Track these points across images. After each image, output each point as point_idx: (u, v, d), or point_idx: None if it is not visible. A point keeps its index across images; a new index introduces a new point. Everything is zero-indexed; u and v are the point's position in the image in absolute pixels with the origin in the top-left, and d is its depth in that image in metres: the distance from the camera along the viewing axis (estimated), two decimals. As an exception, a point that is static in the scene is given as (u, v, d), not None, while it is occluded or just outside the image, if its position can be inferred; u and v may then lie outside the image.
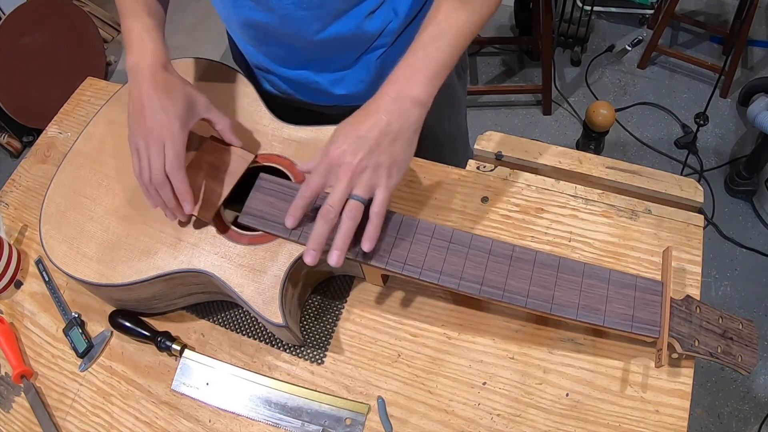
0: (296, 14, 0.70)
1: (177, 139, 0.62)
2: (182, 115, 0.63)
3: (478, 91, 2.16)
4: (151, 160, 0.62)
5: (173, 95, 0.63)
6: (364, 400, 0.66)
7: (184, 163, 0.63)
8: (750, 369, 0.59)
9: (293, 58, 0.80)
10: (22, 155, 2.19)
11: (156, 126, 0.62)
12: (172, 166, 0.62)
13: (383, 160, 0.57)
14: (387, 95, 0.59)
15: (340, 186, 0.57)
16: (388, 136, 0.57)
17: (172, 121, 0.62)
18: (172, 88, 0.64)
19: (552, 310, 0.59)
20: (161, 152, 0.62)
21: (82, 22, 2.28)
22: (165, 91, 0.63)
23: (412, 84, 0.59)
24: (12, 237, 0.83)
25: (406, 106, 0.58)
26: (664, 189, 0.74)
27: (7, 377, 0.73)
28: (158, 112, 0.62)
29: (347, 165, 0.57)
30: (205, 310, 0.74)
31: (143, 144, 0.63)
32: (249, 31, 0.77)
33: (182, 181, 0.63)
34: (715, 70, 2.05)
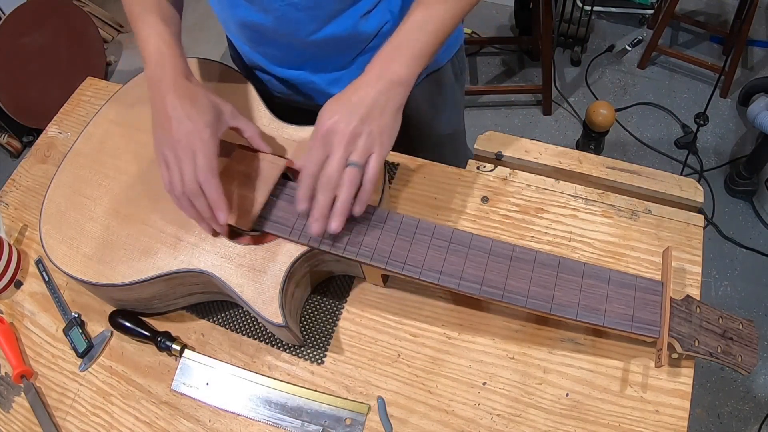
0: (292, 15, 0.70)
1: (208, 147, 0.60)
2: (211, 123, 0.61)
3: (478, 91, 2.17)
4: (183, 170, 0.60)
5: (199, 103, 0.61)
6: (364, 400, 0.66)
7: (217, 171, 0.61)
8: (750, 369, 0.59)
9: (290, 59, 0.80)
10: (22, 155, 2.19)
11: (184, 135, 0.60)
12: (205, 175, 0.60)
13: (374, 127, 0.59)
14: (371, 72, 0.60)
15: (337, 153, 0.58)
16: (376, 106, 0.59)
17: (202, 128, 0.60)
18: (196, 97, 0.62)
19: (552, 310, 0.59)
20: (192, 162, 0.60)
21: (82, 22, 2.29)
22: (190, 99, 0.61)
23: (394, 64, 0.60)
24: (12, 237, 0.83)
25: (390, 83, 0.60)
26: (664, 189, 0.74)
27: (7, 377, 0.73)
28: (185, 121, 0.60)
29: (342, 132, 0.58)
30: (205, 310, 0.74)
31: (172, 155, 0.60)
32: (246, 31, 0.77)
33: (216, 189, 0.60)
34: (715, 70, 2.05)
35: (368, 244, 0.63)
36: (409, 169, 0.80)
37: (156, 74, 0.62)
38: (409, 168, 0.80)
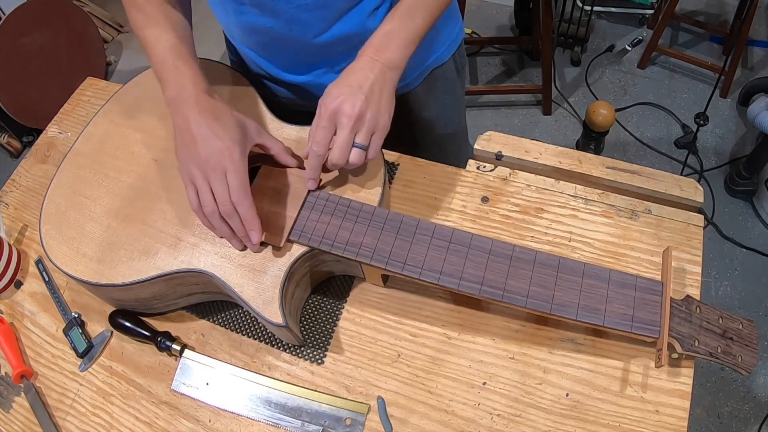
0: (301, 17, 0.70)
1: (239, 165, 0.59)
2: (240, 141, 0.60)
3: (478, 91, 2.17)
4: (216, 190, 0.59)
5: (223, 120, 0.60)
6: (364, 400, 0.66)
7: (249, 190, 0.60)
8: (750, 369, 0.59)
9: (298, 63, 0.79)
10: (22, 155, 2.19)
11: (213, 154, 0.58)
12: (239, 195, 0.58)
13: (376, 109, 0.61)
14: (365, 58, 0.62)
15: (343, 134, 0.60)
16: (375, 88, 0.61)
17: (231, 146, 0.58)
18: (220, 114, 0.60)
19: (552, 310, 0.59)
20: (224, 181, 0.58)
21: (82, 22, 2.28)
22: (214, 117, 0.60)
23: (387, 50, 0.62)
24: (12, 237, 0.83)
25: (384, 68, 0.62)
26: (664, 189, 0.74)
27: (7, 377, 0.73)
28: (212, 140, 0.58)
29: (348, 114, 0.59)
30: (205, 310, 0.74)
31: (200, 175, 0.59)
32: (253, 37, 0.76)
33: (251, 209, 0.59)
34: (715, 70, 2.05)
35: (368, 244, 0.63)
36: (409, 169, 0.80)
37: (176, 92, 0.61)
38: (409, 168, 0.80)
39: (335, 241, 0.63)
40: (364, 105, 0.60)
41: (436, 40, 0.84)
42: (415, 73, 0.85)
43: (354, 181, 0.68)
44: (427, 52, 0.84)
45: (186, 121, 0.60)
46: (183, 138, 0.60)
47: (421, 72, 0.86)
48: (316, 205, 0.66)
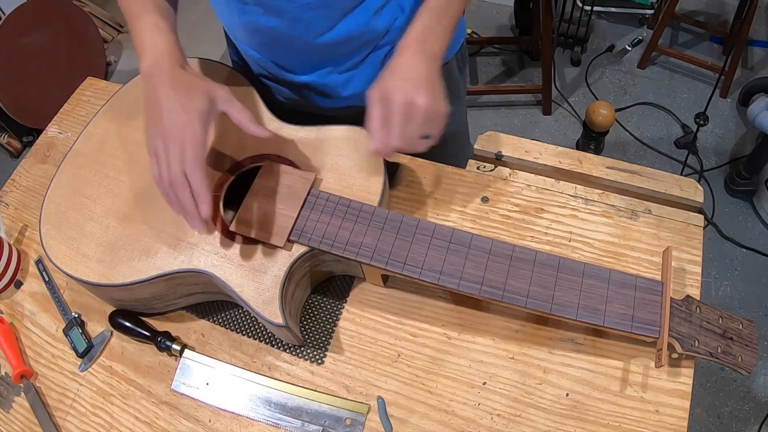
0: (305, 16, 0.70)
1: (198, 137, 0.59)
2: (203, 113, 0.60)
3: (478, 91, 2.17)
4: (170, 162, 0.59)
5: (192, 93, 0.60)
6: (364, 400, 0.66)
7: (204, 162, 0.59)
8: (750, 369, 0.59)
9: (302, 62, 0.79)
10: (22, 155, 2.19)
11: (175, 126, 0.59)
12: (191, 165, 0.58)
13: (439, 99, 0.63)
14: (411, 49, 0.63)
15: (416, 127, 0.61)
16: (433, 78, 0.63)
17: (193, 119, 0.59)
18: (191, 86, 0.61)
19: (552, 310, 0.59)
20: (181, 153, 0.58)
21: (82, 22, 2.29)
22: (184, 89, 0.60)
23: (428, 42, 0.64)
24: (12, 237, 0.83)
25: (431, 57, 0.64)
26: (664, 189, 0.74)
27: (7, 377, 0.73)
28: (176, 112, 0.59)
29: (421, 107, 0.61)
30: (205, 310, 0.74)
31: (162, 146, 0.59)
32: (256, 37, 0.76)
33: (201, 181, 0.59)
34: (715, 70, 2.05)
35: (368, 244, 0.63)
36: (409, 169, 0.80)
37: (151, 65, 0.62)
38: (409, 168, 0.80)
39: (335, 241, 0.63)
40: (430, 97, 0.61)
41: None
42: None
43: (354, 181, 0.68)
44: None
45: (156, 93, 0.60)
46: (151, 110, 0.61)
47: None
48: (316, 205, 0.66)
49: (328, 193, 0.67)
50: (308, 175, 0.68)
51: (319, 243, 0.63)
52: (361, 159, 0.70)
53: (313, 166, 0.70)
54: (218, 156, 0.73)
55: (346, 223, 0.64)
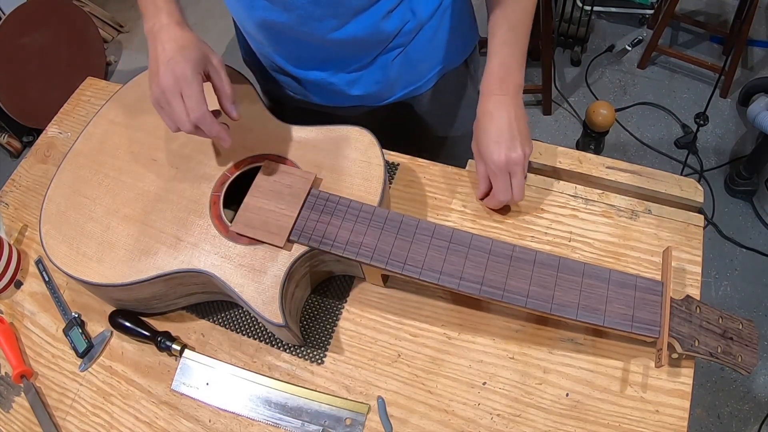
0: (314, 12, 0.69)
1: (192, 85, 0.61)
2: (194, 62, 0.63)
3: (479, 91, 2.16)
4: (174, 114, 0.62)
5: (187, 49, 0.63)
6: (364, 400, 0.66)
7: (206, 107, 0.62)
8: (750, 369, 0.59)
9: (310, 59, 0.79)
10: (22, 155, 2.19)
11: (170, 78, 0.61)
12: (196, 116, 0.62)
13: (526, 143, 0.70)
14: (495, 95, 0.71)
15: (519, 180, 0.70)
16: (520, 124, 0.70)
17: (184, 68, 0.61)
18: (186, 44, 0.63)
19: (552, 310, 0.59)
20: (181, 103, 0.62)
21: (82, 22, 2.29)
22: (179, 45, 0.63)
23: (510, 77, 0.71)
24: (12, 237, 0.83)
25: (514, 97, 0.71)
26: (664, 189, 0.74)
27: (7, 377, 0.73)
28: (171, 64, 0.62)
29: (517, 161, 0.69)
30: (205, 310, 0.74)
31: (163, 99, 0.62)
32: (265, 31, 0.76)
33: (211, 124, 0.63)
34: (715, 70, 2.05)
35: (368, 244, 0.63)
36: (409, 169, 0.80)
37: (152, 25, 0.65)
38: (409, 168, 0.80)
39: (335, 241, 0.63)
40: (521, 149, 0.69)
41: (450, 43, 0.84)
42: (428, 76, 0.85)
43: (354, 181, 0.68)
44: (440, 55, 0.84)
45: (155, 51, 0.63)
46: (151, 68, 0.64)
47: (433, 75, 0.86)
48: (316, 205, 0.66)
49: (328, 193, 0.67)
50: (308, 175, 0.68)
51: (319, 243, 0.63)
52: (361, 159, 0.70)
53: (313, 166, 0.70)
54: (218, 156, 0.73)
55: (346, 223, 0.64)
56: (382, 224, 0.64)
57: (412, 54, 0.79)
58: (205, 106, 0.62)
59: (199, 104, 0.62)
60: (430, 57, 0.83)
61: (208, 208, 0.68)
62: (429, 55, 0.83)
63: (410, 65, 0.81)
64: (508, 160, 0.68)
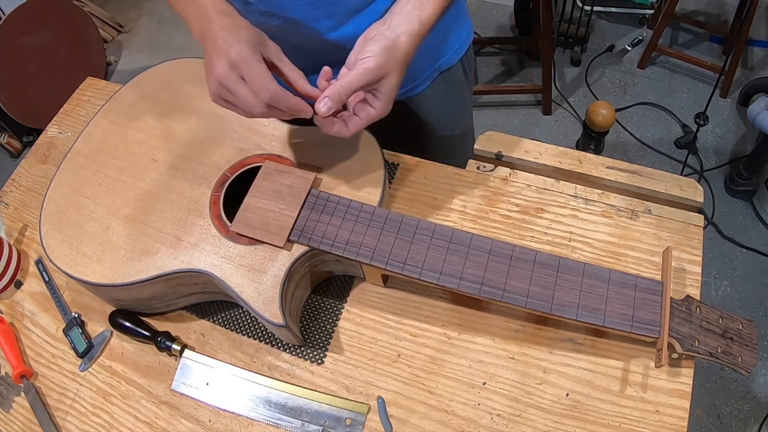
0: (310, 14, 0.69)
1: (252, 64, 0.55)
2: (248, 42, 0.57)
3: (478, 91, 2.16)
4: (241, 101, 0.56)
5: (238, 30, 0.57)
6: (364, 400, 0.66)
7: (275, 82, 0.56)
8: (750, 369, 0.59)
9: (307, 63, 0.79)
10: (22, 155, 2.19)
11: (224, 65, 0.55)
12: (265, 94, 0.56)
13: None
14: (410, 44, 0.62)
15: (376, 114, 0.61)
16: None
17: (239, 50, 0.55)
18: (237, 26, 0.58)
19: (552, 310, 0.59)
20: (244, 87, 0.56)
21: (82, 22, 2.29)
22: (229, 29, 0.57)
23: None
24: (12, 237, 0.83)
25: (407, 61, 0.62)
26: (664, 189, 0.74)
27: (7, 377, 0.73)
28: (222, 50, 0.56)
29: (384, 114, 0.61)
30: (205, 310, 0.74)
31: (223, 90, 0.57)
32: None
33: (287, 99, 0.57)
34: (715, 70, 2.05)
35: (368, 244, 0.63)
36: (409, 169, 0.80)
37: (199, 24, 0.60)
38: (409, 168, 0.80)
39: (335, 241, 0.63)
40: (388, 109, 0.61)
41: (445, 43, 0.84)
42: (423, 75, 0.85)
43: (354, 181, 0.68)
44: (436, 55, 0.84)
45: (207, 46, 0.58)
46: (205, 63, 0.59)
47: (429, 74, 0.86)
48: (316, 205, 0.66)
49: (328, 193, 0.67)
50: (308, 175, 0.68)
51: (319, 243, 0.63)
52: (361, 159, 0.70)
53: (313, 166, 0.70)
54: (219, 155, 0.73)
55: (346, 223, 0.64)
56: (382, 224, 0.64)
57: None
58: (274, 81, 0.56)
59: (266, 82, 0.56)
60: (426, 56, 0.83)
61: (208, 208, 0.69)
62: (425, 55, 0.83)
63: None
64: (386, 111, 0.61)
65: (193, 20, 0.62)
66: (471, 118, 1.05)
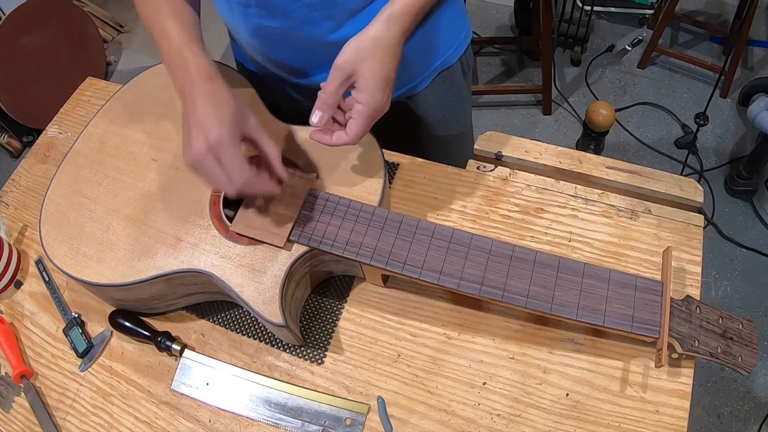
0: (309, 16, 0.69)
1: (230, 150, 0.56)
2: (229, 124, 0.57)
3: (478, 91, 2.16)
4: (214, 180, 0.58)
5: (221, 108, 0.58)
6: (364, 400, 0.66)
7: (248, 169, 0.57)
8: (750, 369, 0.59)
9: (308, 64, 0.79)
10: (22, 155, 2.19)
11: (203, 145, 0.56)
12: (239, 181, 0.57)
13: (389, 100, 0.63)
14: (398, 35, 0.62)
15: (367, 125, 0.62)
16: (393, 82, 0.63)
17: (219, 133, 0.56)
18: (220, 101, 0.58)
19: (552, 310, 0.59)
20: (219, 169, 0.57)
21: (82, 22, 2.29)
22: (212, 104, 0.58)
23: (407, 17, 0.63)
24: (12, 237, 0.83)
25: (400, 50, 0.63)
26: (664, 189, 0.74)
27: (7, 377, 0.73)
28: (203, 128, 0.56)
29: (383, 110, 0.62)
30: (205, 310, 0.74)
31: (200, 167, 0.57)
32: (260, 39, 0.76)
33: (258, 185, 0.59)
34: (715, 70, 2.05)
35: (368, 244, 0.63)
36: (409, 169, 0.80)
37: (182, 83, 0.60)
38: (409, 168, 0.80)
39: (335, 241, 0.63)
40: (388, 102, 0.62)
41: (444, 42, 0.84)
42: (423, 74, 0.85)
43: (354, 181, 0.68)
44: (435, 55, 0.84)
45: (186, 111, 0.59)
46: (184, 129, 0.59)
47: (428, 74, 0.86)
48: (316, 205, 0.66)
49: (328, 194, 0.67)
50: (308, 175, 0.68)
51: (319, 243, 0.63)
52: (361, 159, 0.70)
53: (313, 166, 0.70)
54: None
55: (346, 223, 0.64)
56: (382, 224, 0.64)
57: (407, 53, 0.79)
58: (247, 169, 0.57)
59: (241, 171, 0.57)
60: (426, 56, 0.83)
61: (208, 209, 0.69)
62: (424, 54, 0.83)
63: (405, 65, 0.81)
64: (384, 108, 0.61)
65: (177, 74, 0.61)
66: (470, 118, 1.05)
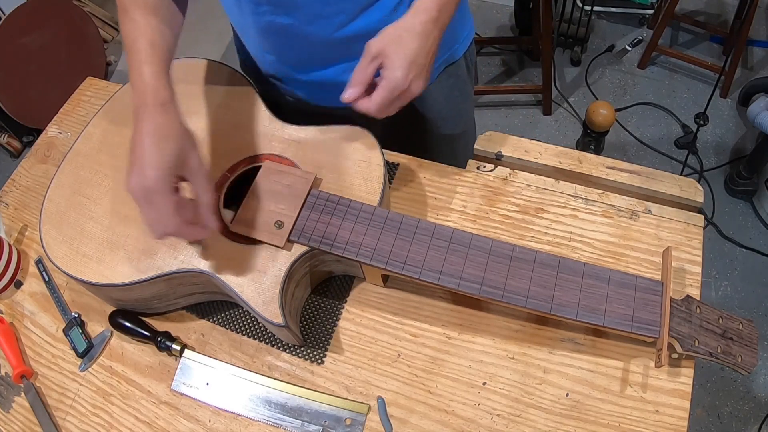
0: (322, 10, 0.69)
1: (161, 197, 0.56)
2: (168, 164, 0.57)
3: (479, 91, 2.16)
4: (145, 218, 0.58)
5: (164, 142, 0.57)
6: (364, 400, 0.66)
7: (177, 219, 0.57)
8: (750, 369, 0.59)
9: (318, 60, 0.79)
10: (22, 155, 2.19)
11: (138, 185, 0.56)
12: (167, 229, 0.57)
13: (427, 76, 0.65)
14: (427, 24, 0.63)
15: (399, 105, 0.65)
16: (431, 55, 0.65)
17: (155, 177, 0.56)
18: (166, 134, 0.58)
19: (552, 310, 0.59)
20: (152, 210, 0.57)
21: (82, 22, 2.28)
22: (157, 137, 0.57)
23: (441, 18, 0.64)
24: (12, 237, 0.83)
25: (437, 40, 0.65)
26: (664, 189, 0.74)
27: (7, 377, 0.73)
28: (143, 164, 0.56)
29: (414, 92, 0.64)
30: (205, 310, 0.74)
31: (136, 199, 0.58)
32: (270, 37, 0.76)
33: (186, 234, 0.59)
34: (715, 70, 2.05)
35: (368, 244, 0.63)
36: (409, 169, 0.80)
37: (137, 105, 0.59)
38: (409, 168, 0.80)
39: (335, 241, 0.63)
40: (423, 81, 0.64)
41: (450, 35, 0.83)
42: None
43: (354, 181, 0.69)
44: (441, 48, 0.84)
45: (133, 141, 0.58)
46: (130, 157, 0.58)
47: (436, 68, 0.85)
48: (316, 205, 0.66)
49: (328, 193, 0.67)
50: (308, 175, 0.68)
51: (319, 243, 0.63)
52: (361, 159, 0.70)
53: (313, 166, 0.70)
54: (219, 156, 0.73)
55: (346, 223, 0.64)
56: (382, 224, 0.64)
57: None
58: (176, 219, 0.57)
59: (167, 220, 0.57)
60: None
61: (208, 208, 0.68)
62: None
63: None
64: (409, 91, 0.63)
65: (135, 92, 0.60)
66: (473, 115, 1.05)
